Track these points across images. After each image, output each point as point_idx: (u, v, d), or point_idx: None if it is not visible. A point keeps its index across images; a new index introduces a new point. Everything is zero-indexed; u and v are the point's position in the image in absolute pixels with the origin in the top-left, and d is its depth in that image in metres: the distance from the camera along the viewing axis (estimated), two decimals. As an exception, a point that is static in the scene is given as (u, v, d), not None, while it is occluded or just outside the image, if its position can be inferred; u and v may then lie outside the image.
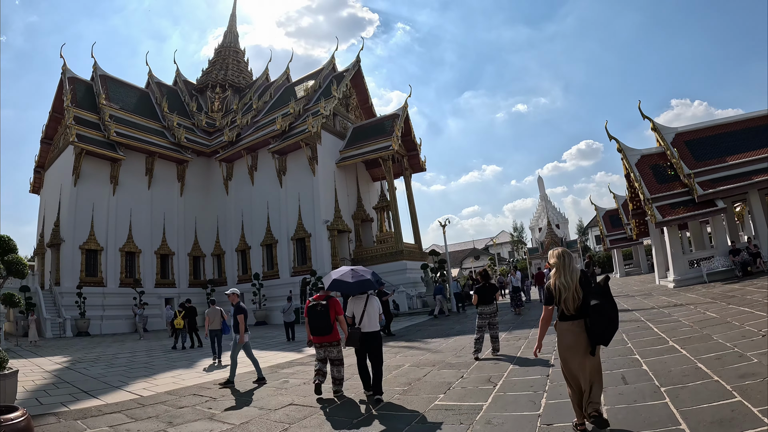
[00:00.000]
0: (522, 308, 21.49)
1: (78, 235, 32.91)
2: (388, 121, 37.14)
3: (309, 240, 34.74)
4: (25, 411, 5.33)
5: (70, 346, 21.85)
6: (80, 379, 11.48)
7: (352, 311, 7.81)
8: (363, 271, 8.24)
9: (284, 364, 12.56)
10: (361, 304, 7.79)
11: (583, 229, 76.99)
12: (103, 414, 7.74)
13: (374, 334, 7.74)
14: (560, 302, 4.69)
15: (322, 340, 7.92)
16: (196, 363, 14.05)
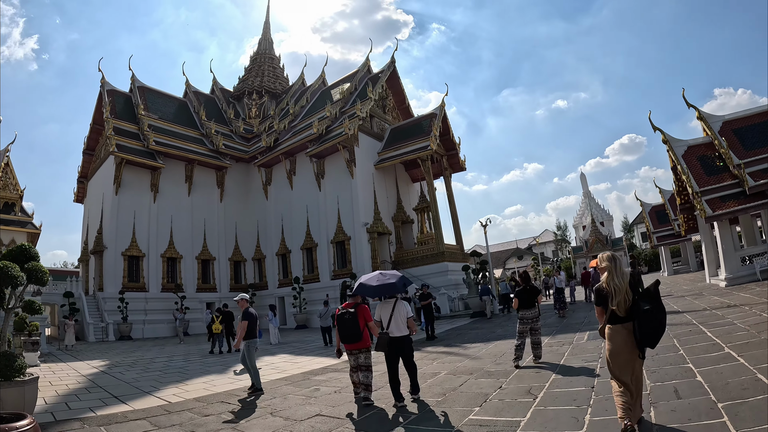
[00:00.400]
0: (566, 310, 20.29)
1: (120, 242, 33.52)
2: (425, 120, 36.37)
3: (348, 243, 34.26)
4: (33, 419, 5.05)
5: (110, 350, 22.10)
6: (113, 384, 11.39)
7: (380, 316, 7.69)
8: (390, 275, 8.13)
9: (318, 370, 12.09)
10: (388, 308, 7.65)
11: (628, 226, 74.45)
12: (128, 420, 7.55)
13: (403, 339, 7.55)
14: (612, 304, 4.72)
15: (352, 348, 7.76)
16: (229, 368, 13.83)
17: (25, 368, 6.62)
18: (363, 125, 35.97)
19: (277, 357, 16.04)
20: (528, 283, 9.86)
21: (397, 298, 7.82)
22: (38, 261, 7.53)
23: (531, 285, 9.83)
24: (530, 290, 9.73)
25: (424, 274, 33.05)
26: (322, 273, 35.17)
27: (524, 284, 9.83)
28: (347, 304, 7.88)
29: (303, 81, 45.57)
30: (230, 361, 15.59)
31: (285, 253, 37.56)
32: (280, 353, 17.21)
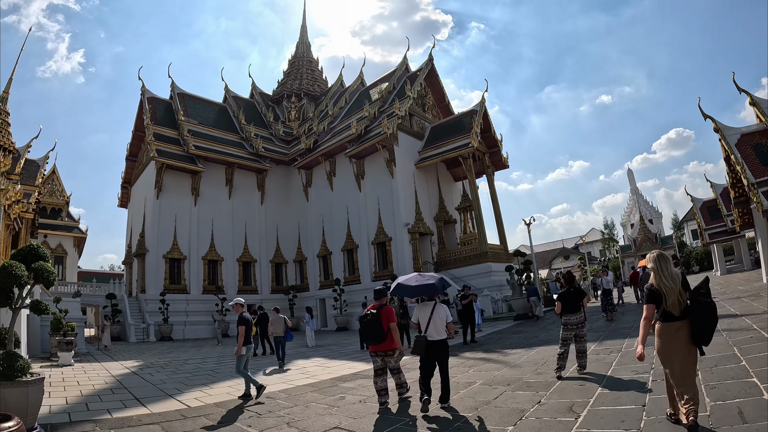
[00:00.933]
0: (614, 313, 18.94)
1: (161, 245, 33.95)
2: (465, 117, 35.31)
3: (389, 244, 33.48)
4: (19, 421, 5.06)
5: (148, 351, 22.12)
6: (139, 385, 11.19)
7: (418, 318, 7.58)
8: (429, 276, 8.05)
9: (348, 376, 11.46)
10: (427, 311, 7.50)
11: (678, 223, 71.22)
12: (141, 424, 7.26)
13: (441, 342, 7.39)
14: (666, 305, 4.70)
15: (377, 349, 7.63)
16: (259, 370, 13.32)
17: (27, 369, 6.41)
18: (402, 124, 35.16)
19: (311, 361, 15.52)
20: (572, 284, 8.91)
21: (436, 300, 7.67)
22: (47, 261, 7.33)
23: (575, 287, 8.88)
24: (574, 293, 8.78)
25: (466, 275, 32.01)
26: (363, 274, 34.46)
27: (567, 286, 8.90)
28: (372, 306, 7.76)
29: (342, 82, 45.06)
30: (262, 364, 15.13)
31: (326, 254, 37.02)
32: (315, 356, 16.75)
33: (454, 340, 17.70)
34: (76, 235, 44.08)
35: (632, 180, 72.24)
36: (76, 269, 44.41)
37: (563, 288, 8.99)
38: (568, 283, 8.91)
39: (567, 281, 8.96)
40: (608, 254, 71.06)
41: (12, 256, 7.50)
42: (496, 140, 36.62)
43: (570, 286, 8.82)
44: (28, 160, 27.95)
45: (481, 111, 34.92)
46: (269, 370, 12.18)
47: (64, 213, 43.94)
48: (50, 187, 42.91)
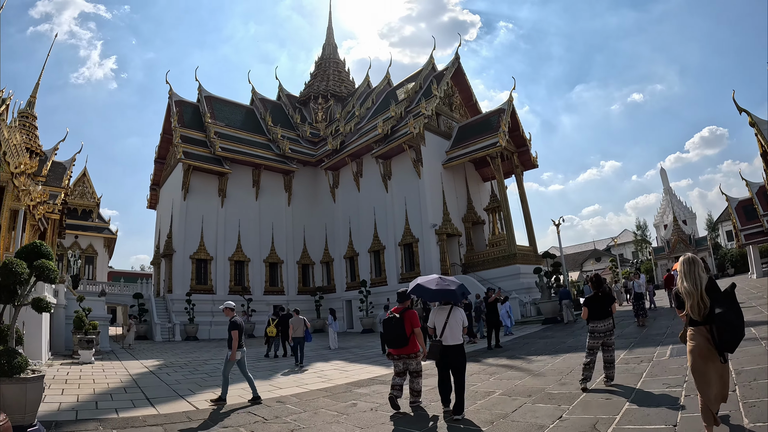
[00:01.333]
0: (646, 318, 18.00)
1: (188, 246, 34.14)
2: (493, 116, 34.54)
3: (416, 245, 32.91)
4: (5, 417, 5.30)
5: (170, 350, 22.08)
6: (152, 385, 11.16)
7: (434, 322, 7.45)
8: (450, 281, 7.84)
9: (364, 381, 11.04)
10: (443, 315, 7.34)
11: (712, 224, 68.79)
12: (145, 425, 7.11)
13: (456, 348, 7.21)
14: (687, 309, 4.66)
15: (400, 352, 7.56)
16: (277, 372, 13.22)
17: (25, 366, 6.40)
18: (429, 124, 34.59)
19: (330, 363, 15.15)
20: (600, 288, 8.19)
21: (452, 304, 7.46)
22: (50, 259, 7.35)
23: (603, 291, 8.17)
24: (602, 297, 8.08)
25: (494, 278, 31.28)
26: (390, 276, 33.96)
27: (595, 290, 8.20)
28: (395, 309, 7.70)
29: (368, 83, 44.65)
30: (280, 366, 14.91)
31: (352, 255, 36.62)
32: (336, 359, 16.36)
33: (477, 345, 17.42)
34: (107, 236, 44.53)
35: (665, 180, 70.10)
36: (106, 269, 44.95)
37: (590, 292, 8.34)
38: (595, 286, 8.24)
39: (595, 285, 8.28)
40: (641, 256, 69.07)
41: (16, 253, 7.51)
42: (525, 139, 35.72)
43: (598, 289, 8.15)
44: (55, 162, 28.29)
45: (509, 109, 34.14)
46: (286, 371, 11.67)
47: (95, 214, 44.43)
48: (81, 189, 43.47)
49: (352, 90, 46.93)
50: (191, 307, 30.92)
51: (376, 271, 35.23)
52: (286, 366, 14.50)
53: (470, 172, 37.77)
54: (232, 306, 9.43)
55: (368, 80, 44.75)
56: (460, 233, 34.49)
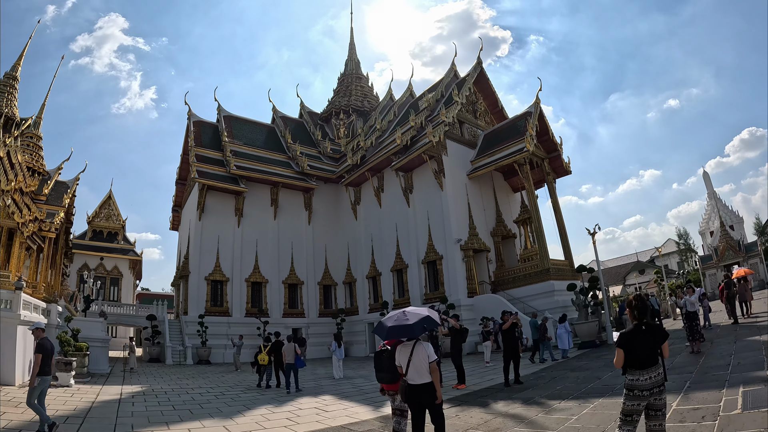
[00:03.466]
0: (702, 342, 13.81)
1: (203, 267, 31.64)
2: (520, 121, 30.44)
3: (440, 263, 29.13)
4: None
5: (170, 374, 20.44)
6: (99, 416, 9.76)
7: (399, 360, 6.22)
8: (413, 314, 6.40)
9: (335, 429, 8.56)
10: (407, 352, 6.13)
11: (761, 227, 61.15)
12: None
13: (423, 387, 5.97)
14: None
15: (391, 388, 6.56)
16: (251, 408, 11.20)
17: None
18: (451, 132, 30.69)
19: (317, 399, 12.60)
20: (644, 317, 4.68)
21: (418, 339, 6.23)
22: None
23: (648, 321, 4.65)
24: (647, 331, 4.63)
25: (526, 296, 27.19)
26: (413, 296, 30.06)
27: (637, 320, 4.71)
28: (389, 341, 6.53)
29: (391, 96, 40.96)
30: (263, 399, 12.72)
31: (375, 275, 32.82)
32: (328, 393, 13.75)
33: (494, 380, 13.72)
34: (132, 257, 42.19)
35: (709, 184, 62.94)
36: (132, 290, 42.24)
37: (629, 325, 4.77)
38: (639, 315, 4.68)
39: (637, 312, 4.70)
40: (686, 266, 62.19)
41: None
42: (556, 144, 31.24)
43: (641, 319, 4.65)
44: (59, 182, 27.08)
45: (536, 112, 29.92)
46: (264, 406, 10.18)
47: (120, 236, 42.13)
48: (107, 212, 41.40)
49: (375, 105, 43.95)
50: (204, 329, 28.38)
51: (399, 291, 31.41)
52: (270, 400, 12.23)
53: (499, 182, 33.46)
54: (42, 326, 8.26)
55: (391, 93, 40.93)
56: (488, 249, 30.25)
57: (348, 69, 46.47)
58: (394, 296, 31.43)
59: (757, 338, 13.95)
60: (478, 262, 30.12)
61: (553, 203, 31.36)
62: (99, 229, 40.49)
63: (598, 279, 24.00)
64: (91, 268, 39.22)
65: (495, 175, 33.02)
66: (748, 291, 20.57)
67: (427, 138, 29.25)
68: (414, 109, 36.32)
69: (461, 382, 12.70)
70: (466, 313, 26.98)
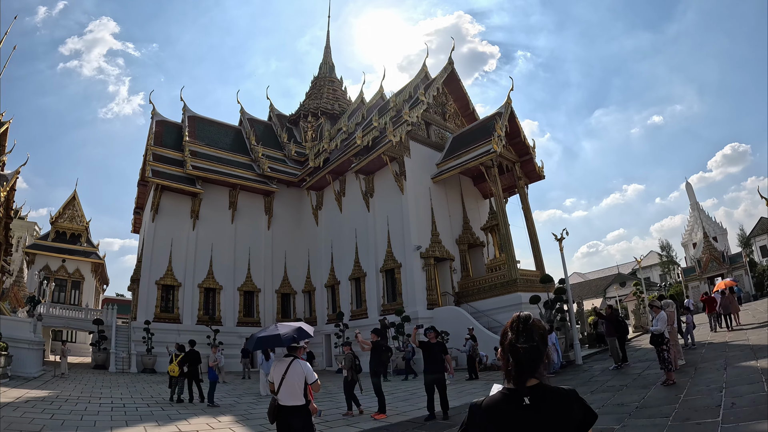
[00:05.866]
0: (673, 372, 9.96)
1: (155, 271, 27.37)
2: (490, 122, 26.14)
3: (399, 271, 24.61)
4: None
5: (96, 382, 18.02)
6: None
7: (272, 376, 5.28)
8: (285, 325, 5.75)
9: None
10: (282, 368, 5.18)
11: (745, 239, 56.20)
12: None
13: (294, 409, 5.07)
14: None
15: None
16: (146, 422, 9.45)
17: None
18: (415, 133, 26.61)
19: (212, 419, 10.40)
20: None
21: (294, 357, 5.30)
22: None
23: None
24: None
25: (491, 309, 22.95)
26: (370, 307, 25.91)
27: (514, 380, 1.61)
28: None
29: (362, 100, 36.64)
30: (157, 415, 10.61)
31: (334, 284, 28.66)
32: (233, 413, 11.37)
33: (411, 414, 10.17)
34: (94, 261, 37.91)
35: (692, 195, 57.96)
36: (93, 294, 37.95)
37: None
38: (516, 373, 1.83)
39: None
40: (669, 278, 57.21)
41: None
42: (528, 147, 27.05)
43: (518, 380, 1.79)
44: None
45: (507, 113, 25.77)
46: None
47: (83, 239, 38.04)
48: (71, 212, 37.37)
49: (346, 108, 39.14)
50: (149, 336, 24.34)
51: (357, 301, 27.17)
52: (162, 417, 10.33)
53: (467, 187, 29.23)
54: None
55: (362, 97, 36.67)
56: (452, 257, 25.95)
57: (322, 72, 42.11)
58: (352, 307, 27.02)
59: (752, 364, 10.20)
60: (441, 272, 25.87)
61: (524, 209, 27.07)
62: (62, 230, 36.44)
63: (565, 291, 19.81)
64: (53, 270, 35.31)
65: (463, 179, 28.82)
66: (733, 303, 19.44)
67: (388, 138, 25.14)
68: (383, 111, 32.07)
69: (381, 411, 9.98)
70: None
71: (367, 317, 25.53)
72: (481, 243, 27.73)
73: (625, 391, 10.11)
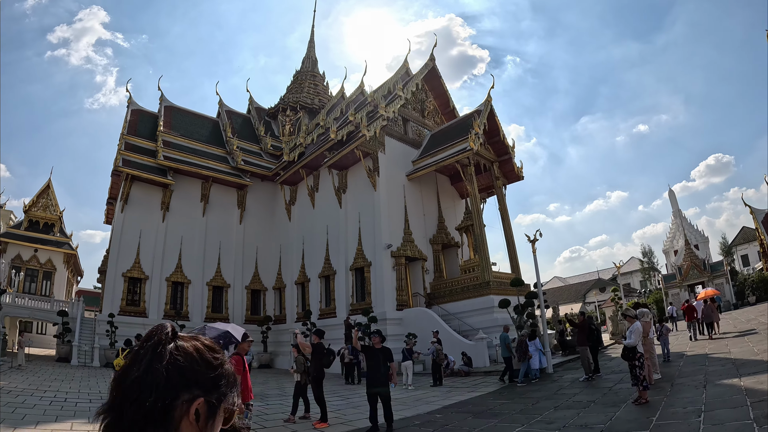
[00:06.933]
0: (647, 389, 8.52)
1: (122, 263, 25.44)
2: (469, 120, 24.18)
3: (368, 270, 22.81)
4: None
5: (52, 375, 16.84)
6: None
7: None
8: (213, 327, 6.43)
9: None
10: None
11: (727, 247, 54.70)
12: None
13: None
14: None
15: None
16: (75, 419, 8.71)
17: None
18: (392, 129, 24.99)
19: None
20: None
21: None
22: None
23: None
24: None
25: (463, 311, 21.40)
26: (339, 307, 24.16)
27: None
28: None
29: (343, 94, 34.54)
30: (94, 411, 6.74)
31: (304, 281, 26.95)
32: None
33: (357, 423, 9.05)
34: (66, 251, 35.94)
35: (674, 202, 56.33)
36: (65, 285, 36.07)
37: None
38: None
39: None
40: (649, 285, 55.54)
41: None
42: (507, 146, 25.44)
43: None
44: None
45: (486, 110, 24.17)
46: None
47: (57, 228, 35.96)
48: (45, 201, 35.12)
49: (327, 103, 36.52)
50: (113, 330, 22.57)
51: (326, 300, 25.48)
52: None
53: (444, 186, 27.58)
54: None
55: (343, 92, 34.75)
56: (425, 257, 24.29)
57: (304, 66, 40.15)
58: (321, 305, 25.30)
59: (735, 382, 8.71)
60: (413, 272, 24.21)
61: (500, 210, 25.45)
62: (35, 219, 34.58)
63: (536, 295, 18.22)
64: (25, 260, 33.43)
65: (440, 178, 27.17)
66: (715, 312, 19.05)
67: (362, 132, 23.47)
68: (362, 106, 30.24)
69: (322, 420, 9.08)
70: (394, 327, 21.08)
71: (336, 316, 23.81)
72: (455, 243, 26.11)
73: (591, 409, 8.72)
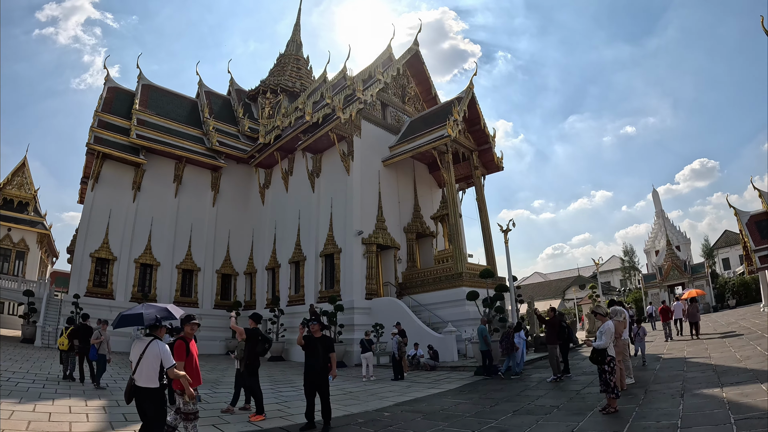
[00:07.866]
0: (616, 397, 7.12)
1: (90, 243, 23.88)
2: (449, 107, 22.65)
3: (338, 256, 21.24)
4: None
5: (7, 356, 15.58)
6: None
7: (132, 355, 4.87)
8: (151, 305, 5.28)
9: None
10: (141, 346, 4.80)
11: (709, 249, 53.52)
12: None
13: (148, 392, 4.67)
14: None
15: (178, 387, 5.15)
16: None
17: None
18: (370, 113, 23.57)
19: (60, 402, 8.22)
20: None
21: (154, 337, 4.88)
22: None
23: None
24: None
25: (434, 303, 20.08)
26: (308, 294, 22.78)
27: None
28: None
29: (325, 79, 32.81)
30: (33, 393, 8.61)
31: (274, 267, 25.47)
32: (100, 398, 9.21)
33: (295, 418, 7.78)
34: (40, 231, 34.34)
35: (657, 202, 54.97)
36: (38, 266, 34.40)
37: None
38: None
39: None
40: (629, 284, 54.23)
41: None
42: (488, 136, 23.99)
43: None
44: None
45: (467, 98, 22.78)
46: None
47: (31, 207, 34.34)
48: (20, 179, 33.45)
49: (308, 86, 34.93)
50: (78, 311, 20.69)
51: (296, 286, 24.05)
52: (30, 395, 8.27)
53: (422, 174, 26.18)
54: None
55: (325, 76, 33.06)
56: (398, 246, 22.88)
57: (288, 49, 38.49)
58: (290, 291, 23.81)
59: (716, 392, 7.58)
60: (385, 261, 22.81)
61: (478, 200, 24.03)
62: (9, 198, 32.92)
63: (506, 288, 16.88)
64: (-3, 240, 31.95)
65: (418, 166, 25.76)
66: (698, 312, 18.29)
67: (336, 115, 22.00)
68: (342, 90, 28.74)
69: (258, 412, 8.18)
70: (362, 317, 19.70)
71: (304, 303, 22.34)
72: (431, 233, 24.72)
73: (554, 416, 7.37)
